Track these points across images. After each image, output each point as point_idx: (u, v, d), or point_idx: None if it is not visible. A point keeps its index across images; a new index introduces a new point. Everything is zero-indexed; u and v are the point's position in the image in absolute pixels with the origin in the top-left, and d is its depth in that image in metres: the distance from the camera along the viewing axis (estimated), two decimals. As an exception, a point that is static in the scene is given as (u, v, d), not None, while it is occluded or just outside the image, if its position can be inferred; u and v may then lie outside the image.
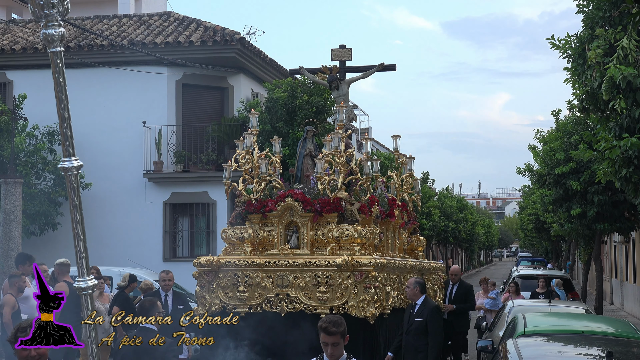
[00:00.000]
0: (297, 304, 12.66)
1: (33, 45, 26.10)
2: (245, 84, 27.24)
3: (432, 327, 12.11)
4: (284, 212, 13.36)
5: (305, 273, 12.71)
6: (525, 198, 52.16)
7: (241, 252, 13.50)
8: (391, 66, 16.34)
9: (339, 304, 12.45)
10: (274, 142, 15.11)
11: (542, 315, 13.75)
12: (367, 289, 12.33)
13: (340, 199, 13.16)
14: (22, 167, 22.79)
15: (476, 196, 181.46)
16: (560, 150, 23.21)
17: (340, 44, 16.14)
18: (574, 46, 12.34)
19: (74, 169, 5.01)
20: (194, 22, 27.52)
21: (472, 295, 17.21)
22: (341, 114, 13.95)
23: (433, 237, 56.30)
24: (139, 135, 25.36)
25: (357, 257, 12.52)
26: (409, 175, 15.95)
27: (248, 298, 12.96)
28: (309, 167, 14.50)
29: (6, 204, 18.97)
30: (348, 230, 12.84)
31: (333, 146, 13.47)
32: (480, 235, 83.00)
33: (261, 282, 12.91)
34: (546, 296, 20.15)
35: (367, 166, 13.41)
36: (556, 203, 24.73)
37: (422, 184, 49.84)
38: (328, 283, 12.58)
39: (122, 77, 25.64)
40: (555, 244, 55.07)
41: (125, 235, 25.29)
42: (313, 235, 13.26)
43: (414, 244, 16.23)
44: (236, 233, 13.56)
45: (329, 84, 15.81)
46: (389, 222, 14.63)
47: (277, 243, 13.44)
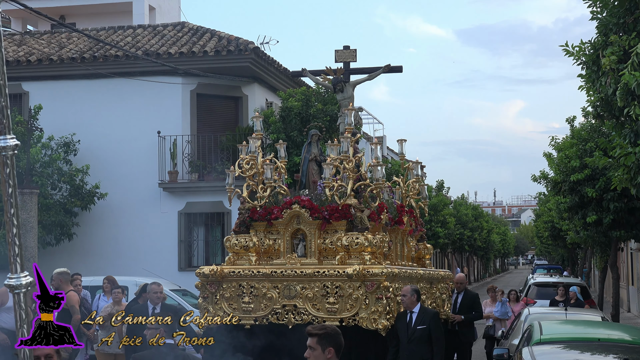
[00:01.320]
0: (305, 315, 12.23)
1: (48, 56, 26.22)
2: (260, 93, 27.28)
3: (436, 334, 12.02)
4: (290, 219, 12.95)
5: (313, 283, 12.30)
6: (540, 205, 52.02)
7: (246, 261, 13.09)
8: (397, 67, 15.74)
9: (349, 315, 12.06)
10: (279, 147, 14.72)
11: (558, 323, 13.69)
12: (379, 299, 11.95)
13: (349, 206, 12.76)
14: (38, 178, 22.87)
15: (491, 204, 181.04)
16: (575, 157, 23.13)
17: (345, 45, 15.65)
18: (588, 53, 12.32)
19: (9, 149, 4.42)
20: (208, 32, 27.59)
21: (479, 303, 16.53)
22: (349, 117, 13.63)
23: (448, 245, 56.21)
24: (153, 145, 25.42)
25: (368, 266, 12.11)
26: (415, 181, 15.47)
27: (253, 309, 12.55)
28: (315, 173, 14.12)
29: (22, 215, 19.04)
30: (358, 239, 12.44)
31: (342, 150, 13.13)
32: (496, 243, 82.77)
33: (267, 292, 12.51)
34: (565, 304, 20.03)
35: (377, 171, 13.04)
36: (572, 210, 24.65)
37: (437, 192, 49.90)
38: (338, 294, 12.17)
39: (136, 88, 25.72)
40: (572, 251, 54.84)
41: (141, 245, 25.34)
42: (321, 244, 12.85)
43: (421, 252, 15.81)
44: (240, 242, 13.16)
45: (334, 86, 15.31)
46: (397, 229, 14.24)
47: (284, 252, 13.03)
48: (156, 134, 25.32)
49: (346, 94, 15.10)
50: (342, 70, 15.30)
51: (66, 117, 25.58)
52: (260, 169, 13.78)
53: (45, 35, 28.77)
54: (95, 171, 24.79)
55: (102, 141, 25.58)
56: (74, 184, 24.34)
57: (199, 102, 26.10)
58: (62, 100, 25.99)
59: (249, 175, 13.76)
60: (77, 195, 24.45)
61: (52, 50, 26.81)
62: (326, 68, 15.43)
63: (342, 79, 15.18)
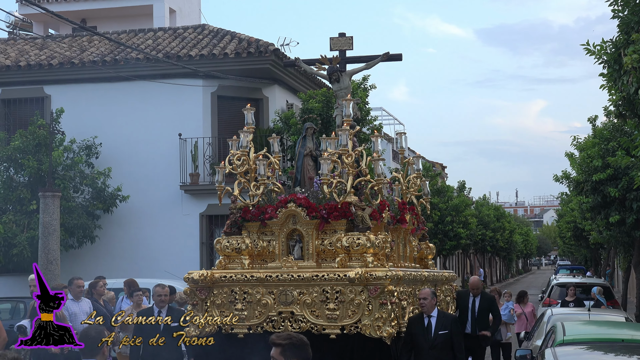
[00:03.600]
0: (303, 323, 11.39)
1: (70, 59, 26.33)
2: (280, 95, 27.30)
3: (457, 339, 11.64)
4: (285, 219, 12.08)
5: (312, 288, 11.46)
6: (563, 206, 51.77)
7: (238, 265, 12.23)
8: (397, 55, 14.81)
9: (350, 322, 11.22)
10: (272, 141, 13.79)
11: (582, 324, 13.62)
12: (383, 305, 11.10)
13: (349, 204, 11.88)
14: (60, 181, 22.98)
15: (513, 204, 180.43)
16: (597, 156, 22.97)
17: (340, 32, 14.75)
18: (610, 52, 12.23)
19: None
20: (228, 34, 27.65)
21: (496, 306, 15.69)
22: (347, 109, 12.77)
23: (470, 246, 56.03)
24: (175, 147, 25.48)
25: (371, 269, 11.27)
26: (416, 176, 14.46)
27: (247, 317, 11.73)
28: (310, 168, 13.21)
29: (44, 218, 19.14)
30: (359, 239, 11.58)
31: (340, 144, 12.16)
32: (518, 244, 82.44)
33: (262, 298, 11.68)
34: (576, 304, 19.87)
35: (379, 167, 12.08)
36: (594, 210, 24.49)
37: (458, 193, 49.75)
38: (338, 299, 11.31)
39: (157, 90, 25.80)
40: (595, 251, 54.55)
41: (163, 247, 25.40)
42: (319, 245, 11.96)
43: (423, 252, 14.82)
44: (232, 244, 12.29)
45: (329, 75, 14.30)
46: (399, 228, 13.31)
47: (279, 254, 12.13)
48: (177, 136, 25.38)
49: (342, 84, 14.23)
50: (338, 59, 14.38)
51: (88, 120, 25.69)
52: (252, 165, 12.88)
53: (66, 39, 28.90)
54: (117, 174, 24.88)
55: (123, 144, 25.68)
56: (96, 187, 24.45)
57: (219, 104, 26.14)
58: (83, 103, 26.11)
59: (240, 172, 12.84)
60: (99, 198, 24.56)
61: (73, 53, 26.94)
62: (321, 56, 14.49)
63: (338, 68, 14.28)
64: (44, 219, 19.16)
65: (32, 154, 22.97)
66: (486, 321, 14.89)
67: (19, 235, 22.14)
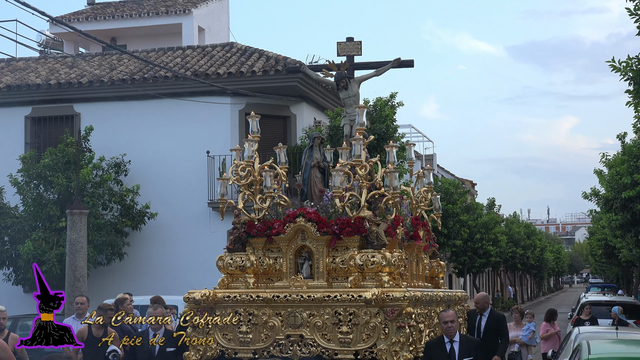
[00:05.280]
0: (314, 347, 10.52)
1: (99, 78, 26.55)
2: (308, 113, 27.34)
3: None
4: (294, 235, 11.23)
5: (323, 310, 10.58)
6: (594, 223, 51.39)
7: (242, 284, 11.41)
8: (408, 62, 13.97)
9: (365, 347, 10.34)
10: (279, 151, 12.97)
11: (608, 342, 13.46)
12: (401, 328, 10.23)
13: (362, 219, 11.05)
14: (89, 198, 23.13)
15: (545, 222, 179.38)
16: (626, 174, 22.84)
17: (348, 37, 14.00)
18: (636, 68, 12.18)
19: None
20: (256, 52, 27.75)
21: (505, 327, 13.99)
22: (361, 117, 11.76)
23: (500, 264, 55.72)
24: (202, 164, 25.57)
25: (387, 289, 10.44)
26: (427, 190, 13.59)
27: (252, 341, 10.84)
28: (318, 181, 12.35)
29: (72, 235, 19.27)
30: (374, 257, 10.72)
31: (354, 155, 11.38)
32: (550, 262, 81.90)
33: (268, 320, 10.80)
34: (591, 323, 19.65)
35: (394, 179, 11.22)
36: (624, 228, 24.33)
37: (488, 210, 49.52)
38: (352, 322, 10.42)
39: (185, 108, 25.94)
40: (626, 269, 54.02)
41: (190, 264, 25.43)
42: (330, 263, 11.11)
43: (434, 270, 13.82)
44: (236, 261, 11.51)
45: (337, 82, 13.42)
46: (413, 245, 12.47)
47: (287, 273, 11.27)
48: (205, 154, 25.48)
49: (351, 92, 13.41)
50: (346, 65, 13.55)
51: (117, 138, 25.86)
52: (257, 177, 12.10)
53: (96, 57, 29.15)
54: (146, 191, 25.00)
55: (152, 161, 25.80)
56: (124, 204, 24.58)
57: (247, 122, 26.19)
58: (112, 121, 26.28)
59: (244, 184, 12.06)
60: (127, 215, 24.68)
61: (103, 72, 27.15)
62: (328, 62, 13.71)
63: (346, 74, 13.46)
64: (71, 236, 19.28)
65: (61, 171, 23.14)
66: (494, 342, 13.45)
67: (48, 252, 22.28)
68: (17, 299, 25.07)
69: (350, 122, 12.95)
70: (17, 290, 25.23)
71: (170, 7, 35.09)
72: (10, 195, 24.13)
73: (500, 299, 62.41)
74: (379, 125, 24.18)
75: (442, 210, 32.32)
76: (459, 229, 38.45)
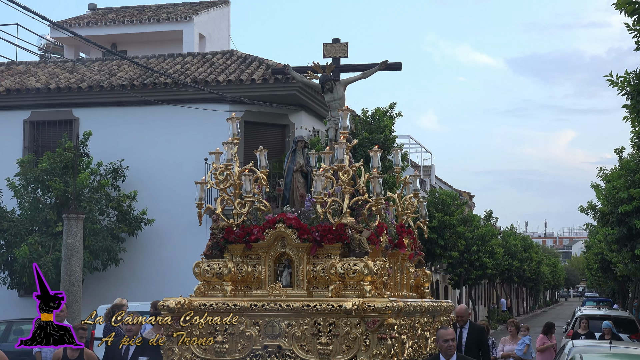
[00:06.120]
0: (292, 358, 10.13)
1: (99, 83, 26.59)
2: (307, 121, 27.37)
3: None
4: (273, 241, 10.81)
5: (302, 320, 10.15)
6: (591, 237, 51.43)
7: (219, 292, 10.97)
8: (396, 65, 13.57)
9: (345, 358, 9.95)
10: (259, 154, 12.48)
11: (602, 356, 13.49)
12: (382, 340, 9.87)
13: (345, 226, 10.61)
14: (86, 203, 23.14)
15: (542, 235, 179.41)
16: (623, 188, 22.86)
17: (334, 38, 13.57)
18: (633, 83, 12.21)
19: None
20: (256, 60, 27.82)
21: (485, 339, 13.94)
22: (345, 120, 11.39)
23: (496, 276, 55.72)
24: (200, 171, 25.54)
25: (369, 299, 10.06)
26: (413, 196, 13.25)
27: (228, 351, 10.42)
28: (300, 186, 11.88)
29: (68, 239, 19.27)
30: (356, 265, 10.32)
31: (336, 159, 10.95)
32: (546, 275, 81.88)
33: (245, 330, 10.37)
34: (588, 337, 19.68)
35: (378, 185, 10.79)
36: (620, 242, 24.35)
37: (485, 222, 49.53)
38: (331, 332, 10.03)
39: (184, 115, 25.96)
40: (622, 284, 54.07)
41: (187, 271, 25.30)
42: (310, 271, 10.70)
43: (420, 279, 13.40)
44: (213, 268, 11.05)
45: (322, 85, 12.98)
46: (397, 253, 12.10)
47: (265, 281, 10.88)
48: (203, 161, 25.48)
49: (336, 95, 12.96)
50: (332, 67, 13.15)
51: (115, 144, 25.88)
52: (236, 181, 11.68)
53: (96, 63, 29.19)
54: (143, 197, 25.03)
55: (150, 167, 25.83)
56: (121, 210, 24.61)
57: (246, 130, 26.23)
58: (111, 127, 26.31)
59: (223, 188, 11.64)
60: (124, 221, 24.70)
61: (102, 77, 27.20)
62: (313, 64, 13.27)
63: (332, 76, 13.02)
64: (67, 241, 19.29)
65: (59, 176, 23.16)
66: (476, 355, 13.30)
67: (44, 256, 22.27)
68: (12, 303, 25.11)
69: (335, 126, 12.48)
70: (12, 294, 25.24)
71: (171, 14, 35.16)
72: (7, 198, 24.16)
73: (496, 311, 62.40)
74: (377, 135, 24.20)
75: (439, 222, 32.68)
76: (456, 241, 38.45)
